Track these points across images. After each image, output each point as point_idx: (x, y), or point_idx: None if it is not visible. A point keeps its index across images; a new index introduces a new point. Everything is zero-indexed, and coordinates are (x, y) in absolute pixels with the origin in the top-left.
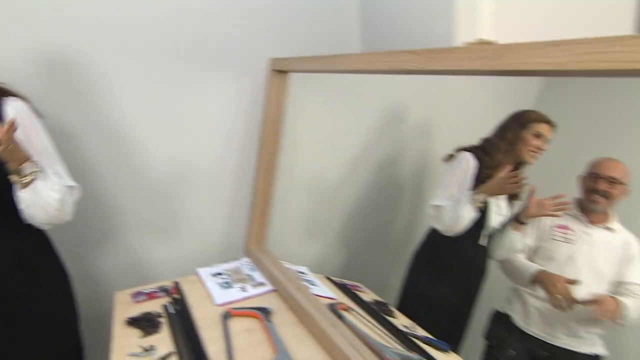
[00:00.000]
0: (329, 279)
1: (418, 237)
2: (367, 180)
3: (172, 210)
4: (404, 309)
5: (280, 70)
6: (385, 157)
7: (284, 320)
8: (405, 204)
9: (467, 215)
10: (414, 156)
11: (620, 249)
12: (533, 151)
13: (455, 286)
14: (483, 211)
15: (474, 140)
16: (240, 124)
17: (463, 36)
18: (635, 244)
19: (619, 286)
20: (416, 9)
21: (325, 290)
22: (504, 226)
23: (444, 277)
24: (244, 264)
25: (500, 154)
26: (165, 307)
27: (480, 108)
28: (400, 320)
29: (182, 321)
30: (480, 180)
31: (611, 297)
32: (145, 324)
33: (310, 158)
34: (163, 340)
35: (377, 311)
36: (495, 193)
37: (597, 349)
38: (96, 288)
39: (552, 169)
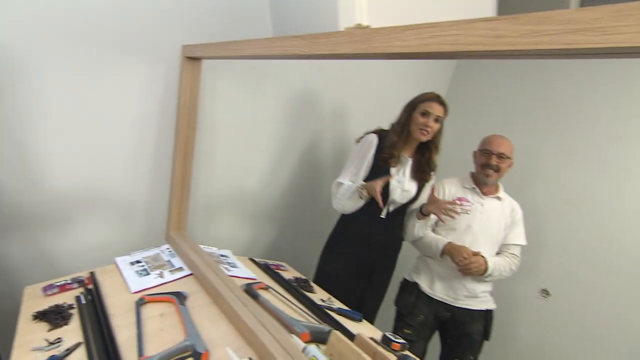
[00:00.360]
0: (252, 260)
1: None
2: (289, 163)
3: (88, 201)
4: (320, 283)
5: (192, 57)
6: (305, 141)
7: (199, 302)
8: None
9: (352, 206)
10: (333, 139)
11: (509, 216)
12: (421, 129)
13: (365, 258)
14: (387, 186)
15: (387, 123)
16: (156, 111)
17: (345, 22)
18: (518, 210)
19: (502, 247)
20: None
21: (245, 271)
22: (410, 213)
23: (352, 251)
24: (164, 251)
25: (394, 135)
26: (77, 298)
27: (397, 93)
28: (319, 295)
29: (93, 311)
30: (382, 158)
31: (482, 257)
32: (53, 316)
33: (232, 145)
34: (72, 332)
35: (295, 287)
36: (370, 193)
37: (490, 304)
38: (7, 283)
39: (464, 147)
